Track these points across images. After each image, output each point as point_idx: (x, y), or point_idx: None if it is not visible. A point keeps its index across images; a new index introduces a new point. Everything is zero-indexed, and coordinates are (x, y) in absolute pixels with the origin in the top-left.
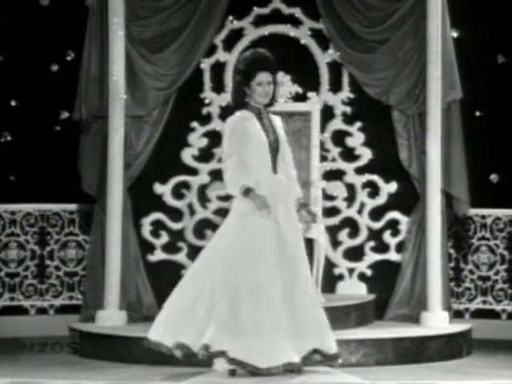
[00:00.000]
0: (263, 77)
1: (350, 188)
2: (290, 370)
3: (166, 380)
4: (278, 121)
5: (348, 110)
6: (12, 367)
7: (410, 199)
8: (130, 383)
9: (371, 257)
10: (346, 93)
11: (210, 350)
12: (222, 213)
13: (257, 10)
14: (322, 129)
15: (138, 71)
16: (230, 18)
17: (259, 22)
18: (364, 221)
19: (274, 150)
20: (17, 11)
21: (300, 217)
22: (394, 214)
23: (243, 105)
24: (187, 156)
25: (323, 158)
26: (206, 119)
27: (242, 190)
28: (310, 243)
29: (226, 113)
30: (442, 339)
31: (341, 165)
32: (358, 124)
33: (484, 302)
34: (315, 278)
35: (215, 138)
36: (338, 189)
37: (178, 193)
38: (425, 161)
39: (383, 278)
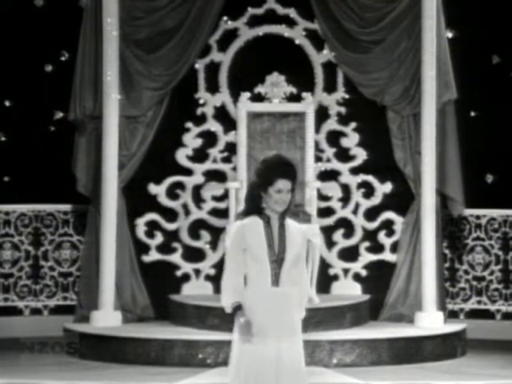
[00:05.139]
0: (283, 184)
1: (345, 188)
2: None
3: (160, 380)
4: (295, 231)
5: (343, 110)
6: (8, 367)
7: (404, 199)
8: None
9: (366, 257)
10: (340, 93)
11: None
12: (217, 213)
13: (251, 11)
14: (317, 129)
15: (132, 71)
16: (225, 18)
17: (254, 22)
18: (359, 221)
19: (276, 262)
20: (11, 11)
21: None
22: (388, 215)
23: (256, 210)
24: (182, 156)
25: (318, 159)
26: (200, 119)
27: (231, 309)
28: None
29: (238, 214)
30: (436, 339)
31: (336, 165)
32: (353, 124)
33: (479, 302)
34: (310, 279)
35: (210, 138)
36: (332, 189)
37: (172, 193)
38: (419, 161)
39: (378, 278)
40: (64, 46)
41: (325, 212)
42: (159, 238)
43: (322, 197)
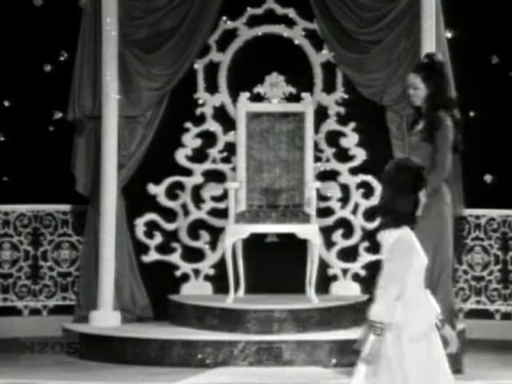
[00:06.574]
0: None
1: (344, 188)
2: None
3: (159, 380)
4: None
5: (342, 110)
6: (8, 367)
7: None
8: None
9: (365, 257)
10: (339, 93)
11: None
12: (216, 213)
13: (250, 11)
14: (316, 129)
15: (131, 71)
16: (224, 18)
17: (253, 22)
18: (358, 221)
19: None
20: (9, 11)
21: None
22: None
23: (411, 217)
24: (181, 156)
25: (317, 159)
26: (199, 120)
27: (375, 324)
28: (303, 244)
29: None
30: None
31: (335, 165)
32: (352, 124)
33: (478, 302)
34: (309, 279)
35: (209, 138)
36: (332, 189)
37: (171, 193)
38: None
39: (377, 278)
40: (63, 46)
41: (324, 212)
42: (158, 238)
43: (321, 197)
